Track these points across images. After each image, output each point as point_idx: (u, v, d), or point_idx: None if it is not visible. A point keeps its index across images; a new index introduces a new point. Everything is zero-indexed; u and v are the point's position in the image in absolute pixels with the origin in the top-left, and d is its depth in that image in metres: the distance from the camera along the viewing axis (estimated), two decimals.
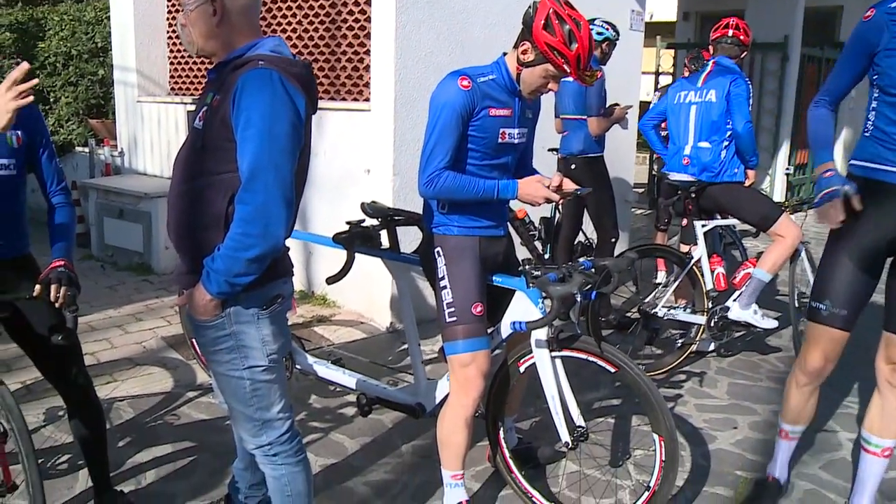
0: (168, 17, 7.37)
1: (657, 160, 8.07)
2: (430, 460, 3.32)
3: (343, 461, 3.42)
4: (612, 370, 2.73)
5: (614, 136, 5.53)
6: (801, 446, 3.40)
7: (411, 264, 3.19)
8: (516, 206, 3.44)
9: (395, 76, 4.94)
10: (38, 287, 2.46)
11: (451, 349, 2.73)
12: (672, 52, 10.84)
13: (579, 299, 2.62)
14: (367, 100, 5.28)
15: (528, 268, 2.72)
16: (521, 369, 2.91)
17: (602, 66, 5.07)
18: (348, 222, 3.33)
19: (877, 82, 2.65)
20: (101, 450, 2.91)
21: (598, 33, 5.01)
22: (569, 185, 2.71)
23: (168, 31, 7.43)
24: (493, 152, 2.67)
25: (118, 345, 4.82)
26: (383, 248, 3.34)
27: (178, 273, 2.25)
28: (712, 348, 4.79)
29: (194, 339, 2.38)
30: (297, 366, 3.53)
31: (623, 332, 5.02)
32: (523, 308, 2.81)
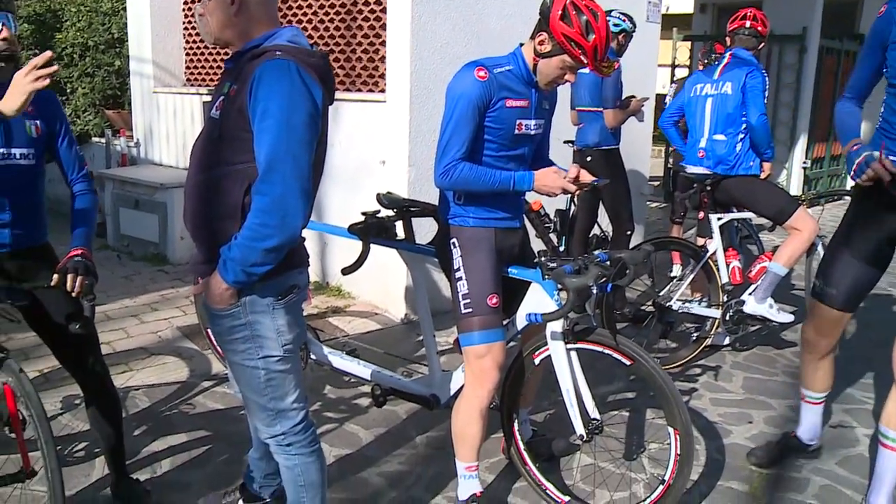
0: (184, 8, 7.38)
1: (673, 153, 8.01)
2: (444, 452, 3.32)
3: (357, 452, 3.43)
4: (628, 363, 2.72)
5: (630, 129, 5.50)
6: None
7: (426, 255, 3.19)
8: (531, 197, 3.43)
9: (410, 67, 4.93)
10: (55, 276, 2.48)
11: (466, 340, 2.73)
12: (689, 44, 10.77)
13: (595, 292, 2.61)
14: (383, 91, 5.28)
15: (543, 259, 2.72)
16: (536, 361, 2.91)
17: (618, 57, 5.04)
18: (364, 213, 3.33)
19: (886, 75, 2.78)
20: (117, 438, 2.93)
21: (615, 25, 4.98)
22: (586, 176, 2.69)
23: (184, 22, 7.44)
24: (509, 143, 2.67)
25: (134, 334, 4.85)
26: (399, 238, 3.34)
27: (195, 262, 2.26)
28: (727, 342, 4.77)
29: (210, 329, 2.38)
30: (311, 356, 3.54)
31: (638, 326, 5.01)
32: (539, 300, 2.80)
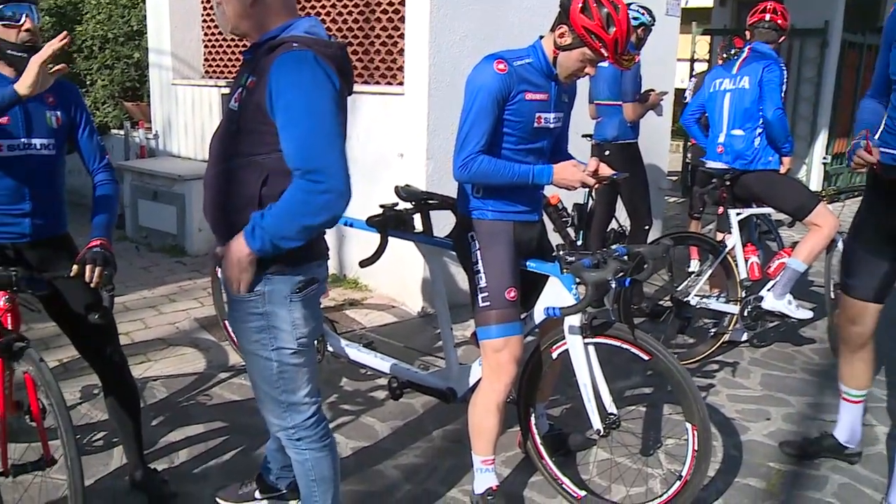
0: (202, 1, 7.40)
1: (691, 148, 7.95)
2: (460, 445, 3.32)
3: (373, 444, 3.44)
4: (646, 358, 2.71)
5: (649, 123, 5.46)
6: None
7: (444, 248, 3.19)
8: (549, 191, 3.42)
9: (429, 60, 4.92)
10: (75, 267, 2.49)
11: (483, 334, 2.73)
12: (708, 38, 10.68)
13: (613, 286, 2.60)
14: (401, 84, 5.27)
15: (562, 253, 2.71)
16: (554, 355, 2.89)
17: (637, 51, 5.00)
18: (382, 206, 3.33)
19: (889, 72, 2.83)
20: (135, 428, 2.95)
21: (634, 18, 4.93)
22: (605, 170, 2.67)
23: (202, 15, 7.47)
24: (528, 137, 2.65)
25: (152, 325, 4.87)
26: (416, 231, 3.34)
27: (215, 253, 2.25)
28: (745, 338, 4.74)
29: (227, 316, 2.38)
30: (329, 348, 3.55)
31: (655, 321, 4.98)
32: (557, 294, 2.79)
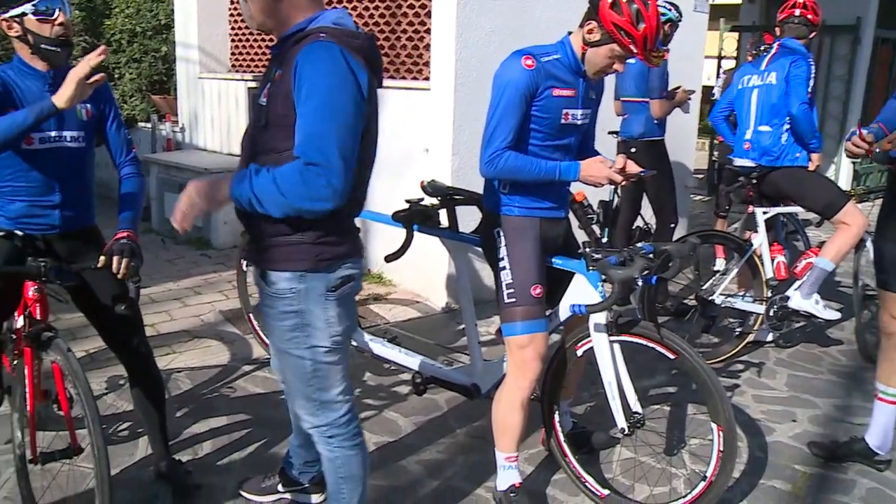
0: None
1: (718, 146, 7.87)
2: (484, 441, 3.31)
3: (397, 440, 3.44)
4: (672, 357, 2.69)
5: (675, 121, 5.42)
6: None
7: (470, 244, 3.18)
8: (574, 188, 3.40)
9: (455, 55, 4.91)
10: (102, 258, 2.51)
11: (508, 330, 2.72)
12: (736, 35, 10.56)
13: (640, 283, 2.58)
14: (427, 79, 5.27)
15: (588, 250, 2.69)
16: (579, 353, 2.88)
17: (666, 48, 4.96)
18: (408, 201, 3.33)
19: None
20: (160, 419, 2.97)
21: (661, 14, 4.88)
22: (632, 166, 2.65)
23: (229, 9, 7.50)
24: (555, 133, 2.64)
25: (177, 317, 4.91)
26: (442, 227, 3.33)
27: (245, 247, 2.25)
28: (770, 338, 4.69)
29: (260, 313, 2.38)
30: (353, 343, 3.55)
31: (680, 319, 4.95)
32: (583, 291, 2.77)
